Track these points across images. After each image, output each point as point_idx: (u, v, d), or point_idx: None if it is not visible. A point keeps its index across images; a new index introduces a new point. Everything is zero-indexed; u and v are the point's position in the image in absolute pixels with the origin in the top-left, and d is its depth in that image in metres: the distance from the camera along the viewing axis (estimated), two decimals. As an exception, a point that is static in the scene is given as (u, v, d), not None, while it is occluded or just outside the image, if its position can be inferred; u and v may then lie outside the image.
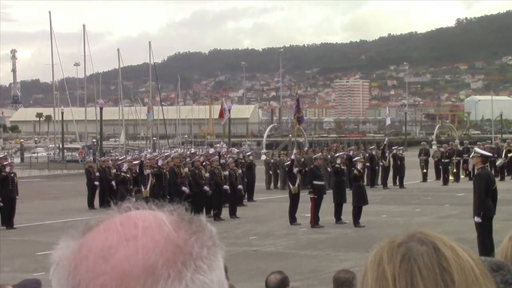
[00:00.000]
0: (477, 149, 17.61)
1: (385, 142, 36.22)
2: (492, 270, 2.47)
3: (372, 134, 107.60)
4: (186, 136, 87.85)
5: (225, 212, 23.82)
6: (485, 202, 14.82)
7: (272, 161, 35.23)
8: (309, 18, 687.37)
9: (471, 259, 1.27)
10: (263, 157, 44.44)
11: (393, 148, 36.56)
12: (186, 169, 25.26)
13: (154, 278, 0.93)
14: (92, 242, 0.97)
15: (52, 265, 0.99)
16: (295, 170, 23.25)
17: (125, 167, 26.73)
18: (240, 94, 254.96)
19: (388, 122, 50.95)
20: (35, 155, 68.88)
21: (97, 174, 28.69)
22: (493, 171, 26.35)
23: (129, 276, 0.93)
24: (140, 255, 0.94)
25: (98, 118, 55.15)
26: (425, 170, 37.26)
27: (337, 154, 26.84)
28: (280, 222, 21.63)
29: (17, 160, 59.12)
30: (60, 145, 69.93)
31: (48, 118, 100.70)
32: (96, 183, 28.28)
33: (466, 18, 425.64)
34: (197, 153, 37.94)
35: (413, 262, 1.22)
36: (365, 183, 27.15)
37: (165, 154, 32.75)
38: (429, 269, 1.21)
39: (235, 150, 38.85)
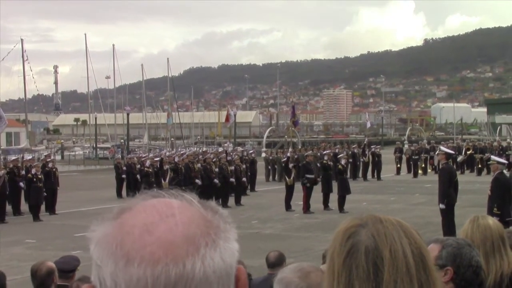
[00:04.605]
0: (441, 147, 17.58)
1: (365, 142, 36.16)
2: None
3: (354, 135, 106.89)
4: (198, 137, 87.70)
5: (231, 200, 23.81)
6: (448, 192, 14.83)
7: (270, 158, 35.18)
8: (301, 38, 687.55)
9: (410, 251, 1.30)
10: (263, 154, 44.33)
11: (372, 146, 36.48)
12: (199, 165, 25.24)
13: (195, 246, 0.93)
14: (132, 220, 0.95)
15: (92, 243, 0.95)
16: (290, 165, 23.24)
17: (148, 163, 26.72)
18: (244, 102, 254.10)
19: (368, 125, 50.83)
20: (73, 153, 68.70)
21: (124, 168, 28.61)
22: (455, 166, 26.30)
23: (174, 244, 0.92)
24: (180, 228, 0.93)
25: (125, 122, 55.07)
26: (398, 165, 37.23)
27: (325, 152, 26.76)
28: (278, 209, 21.62)
29: (58, 157, 58.97)
30: (94, 145, 69.87)
31: (84, 122, 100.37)
32: (124, 176, 28.18)
33: (432, 39, 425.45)
34: (208, 151, 37.92)
35: (353, 260, 1.35)
36: (348, 176, 27.11)
37: (181, 152, 32.69)
38: (363, 267, 1.33)
39: (239, 148, 38.84)
